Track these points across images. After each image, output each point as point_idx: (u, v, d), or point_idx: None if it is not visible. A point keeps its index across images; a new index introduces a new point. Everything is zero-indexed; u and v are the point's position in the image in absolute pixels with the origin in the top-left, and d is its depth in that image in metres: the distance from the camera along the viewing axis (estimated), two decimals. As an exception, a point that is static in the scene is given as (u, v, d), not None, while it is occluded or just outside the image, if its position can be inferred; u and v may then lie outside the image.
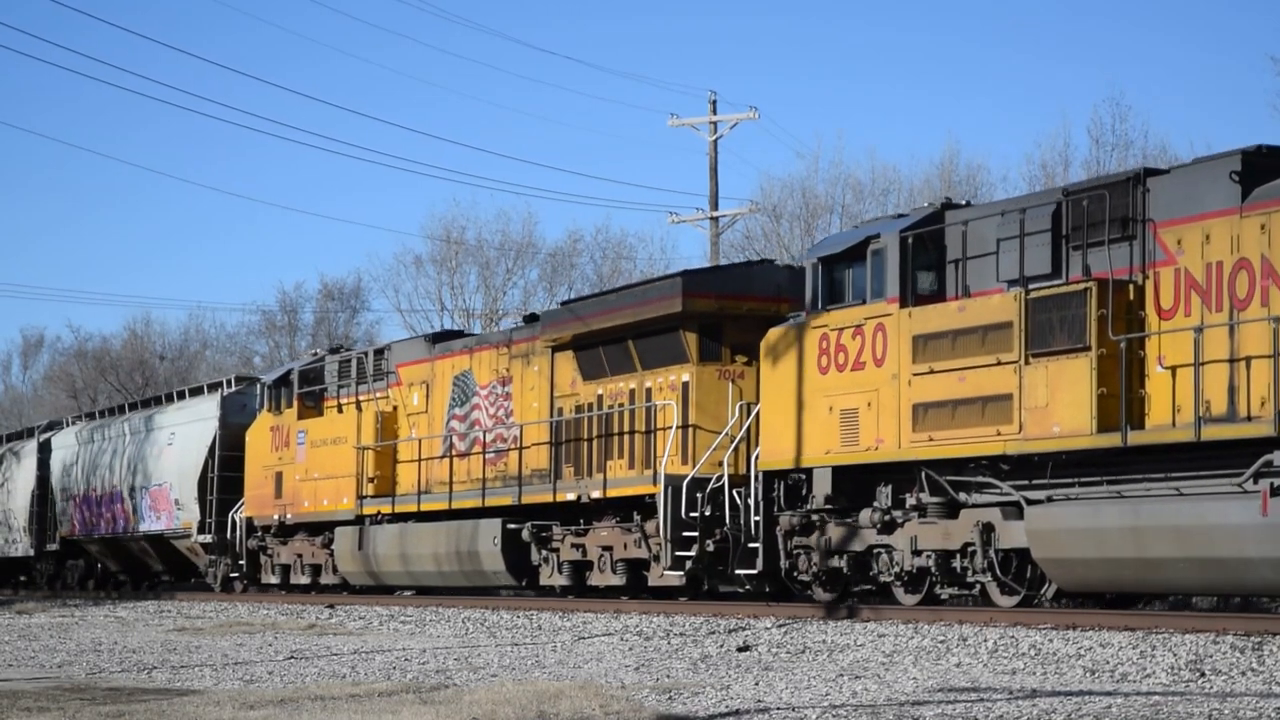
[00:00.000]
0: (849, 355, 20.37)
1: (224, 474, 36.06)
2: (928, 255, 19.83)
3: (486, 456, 27.88)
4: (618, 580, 24.75)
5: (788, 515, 21.36)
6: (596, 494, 24.77)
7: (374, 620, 24.24)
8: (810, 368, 20.91)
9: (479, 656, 16.74)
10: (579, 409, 25.86)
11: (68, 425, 46.66)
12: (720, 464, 22.93)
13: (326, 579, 32.40)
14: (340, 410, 31.84)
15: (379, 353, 31.42)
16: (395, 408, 30.63)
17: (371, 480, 30.53)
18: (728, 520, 22.33)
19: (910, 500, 19.84)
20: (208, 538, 36.21)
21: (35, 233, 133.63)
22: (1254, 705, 10.76)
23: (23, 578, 51.14)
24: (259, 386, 36.91)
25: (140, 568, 42.19)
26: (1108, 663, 13.83)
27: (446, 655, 17.00)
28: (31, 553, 45.77)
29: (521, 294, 67.25)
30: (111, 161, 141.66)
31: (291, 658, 16.97)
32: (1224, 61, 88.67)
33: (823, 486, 20.73)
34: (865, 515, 20.32)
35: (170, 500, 37.93)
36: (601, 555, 25.07)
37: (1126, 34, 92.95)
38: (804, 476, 21.21)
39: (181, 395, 39.91)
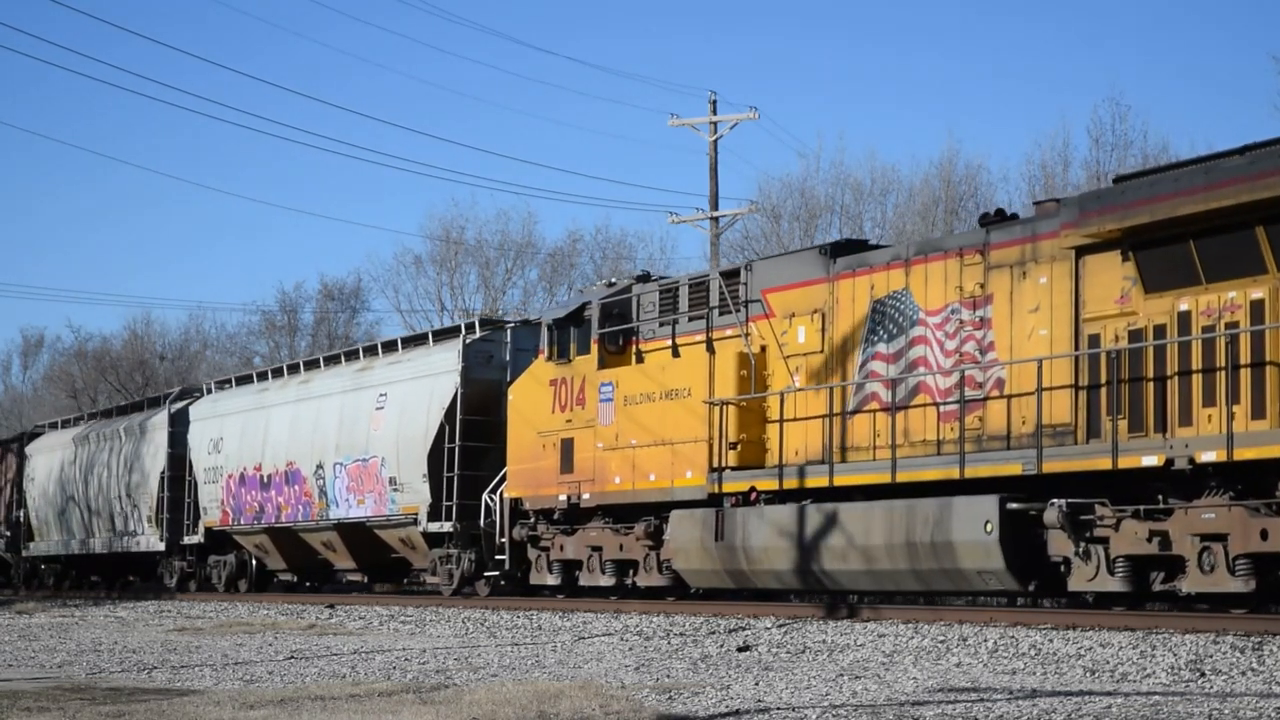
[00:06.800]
0: None
1: (467, 444, 27.92)
2: None
3: (943, 410, 19.78)
4: (1237, 585, 16.57)
5: None
6: (1210, 456, 16.58)
7: (374, 620, 23.84)
8: None
9: (479, 656, 16.63)
10: (1135, 335, 17.78)
11: (210, 391, 38.13)
12: None
13: (645, 579, 24.20)
14: (675, 354, 23.63)
15: (729, 275, 23.23)
16: (764, 348, 22.49)
17: (733, 447, 22.35)
18: None
19: None
20: (447, 525, 27.97)
21: (36, 233, 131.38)
22: (1254, 705, 10.45)
23: (132, 578, 42.86)
24: (508, 331, 28.92)
25: (315, 566, 33.92)
26: (1108, 663, 13.63)
27: (446, 655, 16.85)
28: (162, 546, 37.43)
29: (521, 294, 65.85)
30: (112, 163, 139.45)
31: (291, 658, 16.85)
32: (1225, 61, 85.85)
33: None
34: None
35: (382, 479, 29.71)
36: (1202, 549, 16.89)
37: (1127, 33, 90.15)
38: None
39: (393, 346, 31.45)
